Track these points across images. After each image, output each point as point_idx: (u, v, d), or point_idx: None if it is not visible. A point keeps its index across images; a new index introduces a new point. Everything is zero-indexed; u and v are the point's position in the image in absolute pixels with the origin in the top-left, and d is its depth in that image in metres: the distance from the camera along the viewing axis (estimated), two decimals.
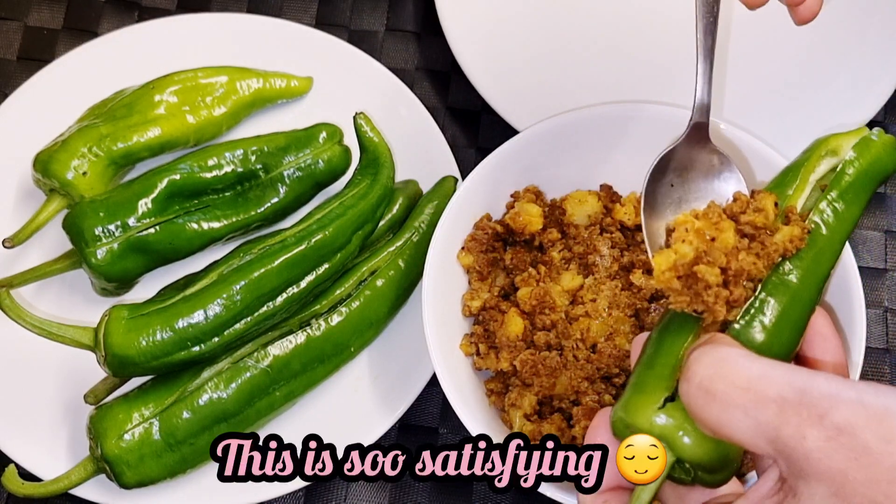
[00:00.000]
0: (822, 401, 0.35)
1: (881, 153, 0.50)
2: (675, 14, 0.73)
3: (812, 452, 0.35)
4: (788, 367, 0.37)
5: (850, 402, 0.35)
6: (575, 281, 0.60)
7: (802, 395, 0.36)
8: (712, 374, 0.38)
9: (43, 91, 0.70)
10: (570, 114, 0.61)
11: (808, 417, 0.35)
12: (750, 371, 0.37)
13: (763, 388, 0.36)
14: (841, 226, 0.47)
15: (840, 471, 0.35)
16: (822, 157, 0.50)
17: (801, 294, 0.44)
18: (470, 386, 0.59)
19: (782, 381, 0.36)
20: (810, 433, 0.35)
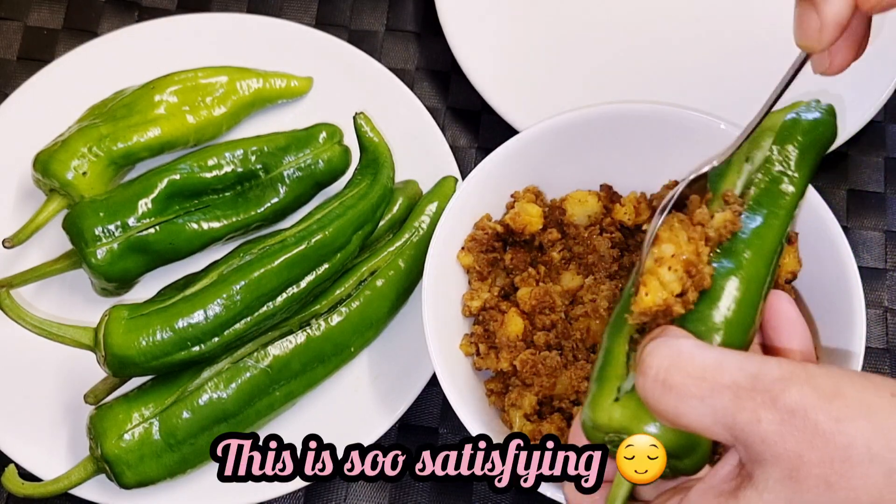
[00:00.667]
0: (774, 384, 0.36)
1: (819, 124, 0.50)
2: (675, 14, 0.73)
3: (767, 436, 0.36)
4: (742, 354, 0.38)
5: (801, 384, 0.36)
6: (575, 281, 0.60)
7: (756, 380, 0.36)
8: (668, 366, 0.38)
9: (43, 91, 0.70)
10: (570, 114, 0.61)
11: (762, 402, 0.36)
12: (704, 360, 0.38)
13: (718, 377, 0.37)
14: (781, 198, 0.48)
15: (794, 452, 0.35)
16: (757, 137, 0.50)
17: (749, 273, 0.45)
18: (470, 386, 0.59)
19: (736, 368, 0.37)
20: (765, 416, 0.36)
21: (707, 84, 0.71)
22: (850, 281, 0.55)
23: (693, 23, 0.72)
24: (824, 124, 0.51)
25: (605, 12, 0.73)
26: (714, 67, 0.71)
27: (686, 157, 0.55)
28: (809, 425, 0.35)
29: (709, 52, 0.72)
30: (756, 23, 0.72)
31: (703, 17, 0.72)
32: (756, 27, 0.72)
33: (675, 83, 0.71)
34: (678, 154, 0.59)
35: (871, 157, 0.72)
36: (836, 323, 0.56)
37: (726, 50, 0.71)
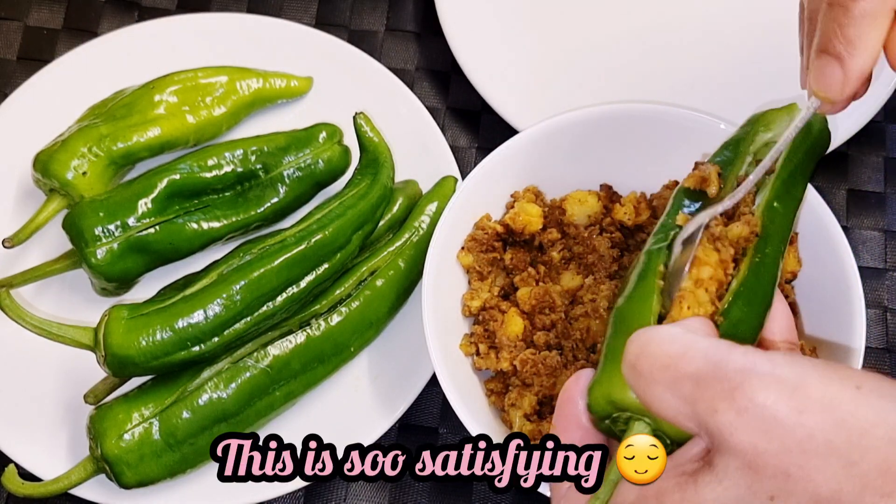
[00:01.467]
0: (735, 375, 0.36)
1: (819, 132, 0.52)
2: (675, 15, 0.73)
3: (724, 426, 0.36)
4: (710, 342, 0.38)
5: (762, 375, 0.36)
6: (575, 281, 0.60)
7: (717, 370, 0.36)
8: (639, 353, 0.39)
9: (43, 91, 0.70)
10: (570, 114, 0.61)
11: (720, 391, 0.36)
12: (671, 348, 0.38)
13: (682, 365, 0.37)
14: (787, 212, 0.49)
15: (751, 443, 0.35)
16: (758, 132, 0.52)
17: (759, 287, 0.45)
18: (470, 386, 0.59)
19: (700, 357, 0.37)
20: (721, 406, 0.36)
21: (707, 84, 0.71)
22: (850, 281, 0.55)
23: (693, 23, 0.72)
24: (822, 131, 0.52)
25: (605, 13, 0.73)
26: (714, 67, 0.71)
27: (686, 157, 0.55)
28: (768, 416, 0.35)
29: (709, 52, 0.72)
30: (756, 23, 0.72)
31: (703, 18, 0.73)
32: (756, 27, 0.72)
33: (675, 83, 0.71)
34: (678, 154, 0.59)
35: (871, 157, 0.72)
36: (836, 323, 0.56)
37: (726, 50, 0.72)
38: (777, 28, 0.72)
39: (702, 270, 0.45)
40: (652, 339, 0.39)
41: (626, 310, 0.45)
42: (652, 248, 0.47)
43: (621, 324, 0.44)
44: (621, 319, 0.44)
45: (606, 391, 0.41)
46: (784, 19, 0.72)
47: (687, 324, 0.42)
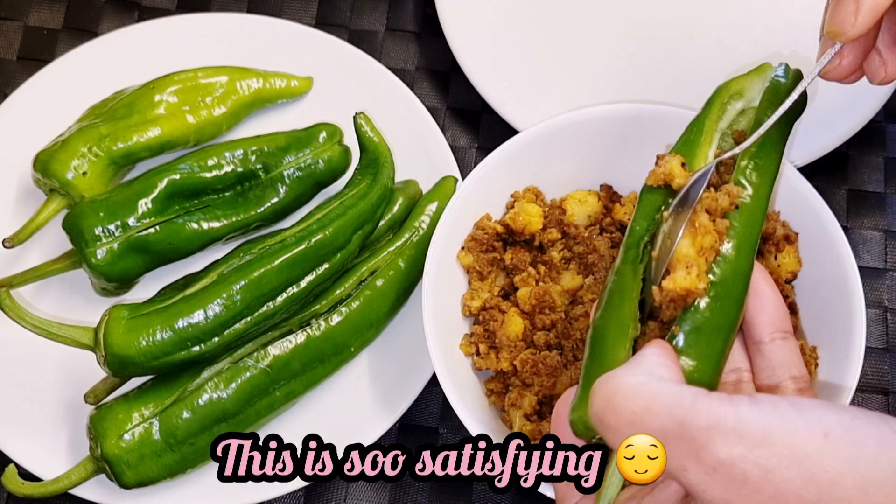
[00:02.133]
0: (699, 434, 0.36)
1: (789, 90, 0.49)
2: (675, 14, 0.73)
3: (695, 484, 0.36)
4: (674, 395, 0.37)
5: (727, 433, 0.35)
6: (575, 281, 0.60)
7: (682, 429, 0.36)
8: (605, 407, 0.39)
9: (43, 91, 0.70)
10: (570, 114, 0.61)
11: (687, 451, 0.36)
12: (635, 405, 0.38)
13: (647, 422, 0.37)
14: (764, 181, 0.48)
15: (723, 500, 0.35)
16: (725, 104, 0.50)
17: (739, 264, 0.45)
18: (470, 386, 0.59)
19: (664, 414, 0.37)
20: (690, 466, 0.36)
21: (707, 84, 0.70)
22: (850, 281, 0.55)
23: (693, 23, 0.72)
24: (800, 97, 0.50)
25: (604, 13, 0.73)
26: (714, 67, 0.71)
27: None
28: (737, 475, 0.35)
29: (709, 52, 0.72)
30: (756, 23, 0.72)
31: (703, 18, 0.72)
32: (756, 27, 0.72)
33: (675, 83, 0.71)
34: None
35: (871, 157, 0.72)
36: (836, 323, 0.56)
37: (726, 50, 0.71)
38: (777, 28, 0.72)
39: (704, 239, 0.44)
40: (615, 391, 0.39)
41: (603, 333, 0.44)
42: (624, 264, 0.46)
43: (597, 346, 0.44)
44: (598, 342, 0.44)
45: (583, 416, 0.41)
46: (785, 19, 0.72)
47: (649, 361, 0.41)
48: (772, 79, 0.50)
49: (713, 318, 0.44)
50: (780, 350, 0.46)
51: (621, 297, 0.45)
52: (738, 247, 0.45)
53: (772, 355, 0.46)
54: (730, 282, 0.44)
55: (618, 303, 0.45)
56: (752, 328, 0.46)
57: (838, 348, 0.55)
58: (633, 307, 0.44)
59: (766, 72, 0.51)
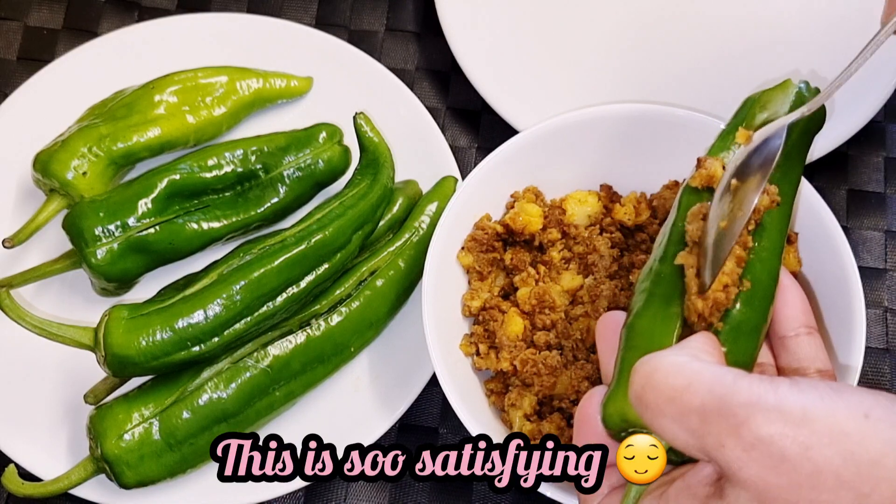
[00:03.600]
0: (740, 410, 0.36)
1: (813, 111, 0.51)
2: (675, 14, 0.73)
3: (732, 461, 0.36)
4: (715, 374, 0.37)
5: (768, 411, 0.35)
6: (575, 281, 0.60)
7: (722, 405, 0.36)
8: (644, 385, 0.38)
9: (43, 91, 0.70)
10: (570, 114, 0.61)
11: (726, 428, 0.36)
12: (676, 381, 0.38)
13: (687, 399, 0.37)
14: (790, 189, 0.49)
15: (760, 478, 0.35)
16: (755, 114, 0.52)
17: (771, 265, 0.46)
18: (470, 386, 0.59)
19: (705, 391, 0.37)
20: (728, 443, 0.36)
21: (707, 84, 0.71)
22: (850, 281, 0.55)
23: (693, 23, 0.72)
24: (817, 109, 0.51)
25: (605, 12, 0.73)
26: (714, 67, 0.71)
27: (686, 157, 0.55)
28: (775, 452, 0.35)
29: (709, 52, 0.72)
30: (756, 23, 0.72)
31: (703, 17, 0.72)
32: (756, 27, 0.72)
33: (675, 83, 0.71)
34: (678, 154, 0.59)
35: (871, 157, 0.72)
36: (836, 323, 0.56)
37: (726, 50, 0.71)
38: (778, 28, 0.72)
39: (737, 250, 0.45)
40: (657, 368, 0.39)
41: (645, 328, 0.44)
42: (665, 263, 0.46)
43: (637, 339, 0.44)
44: (638, 335, 0.44)
45: (620, 408, 0.41)
46: (783, 21, 0.72)
47: (692, 346, 0.41)
48: (796, 94, 0.52)
49: (751, 318, 0.44)
50: (805, 344, 0.46)
51: (667, 295, 0.45)
52: (770, 248, 0.46)
53: (797, 350, 0.46)
54: (764, 282, 0.45)
55: (662, 299, 0.45)
56: (778, 324, 0.47)
57: (838, 349, 0.55)
58: (678, 304, 0.44)
59: (788, 88, 0.52)
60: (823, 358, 0.46)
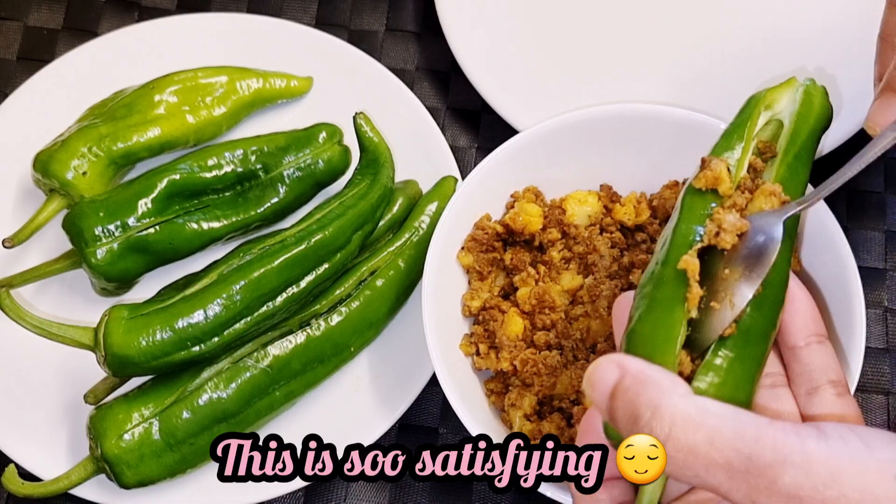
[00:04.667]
0: (768, 469, 0.35)
1: (821, 108, 0.51)
2: (675, 14, 0.73)
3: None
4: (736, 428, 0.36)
5: (795, 471, 0.35)
6: (575, 281, 0.60)
7: (749, 464, 0.35)
8: (665, 437, 0.37)
9: (43, 91, 0.70)
10: (570, 114, 0.61)
11: (755, 486, 0.35)
12: (696, 437, 0.37)
13: (712, 455, 0.36)
14: (798, 190, 0.49)
15: None
16: (760, 113, 0.51)
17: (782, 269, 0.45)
18: (470, 386, 0.59)
19: (729, 449, 0.36)
20: (760, 500, 0.35)
21: (707, 84, 0.71)
22: (850, 281, 0.55)
23: (693, 23, 0.72)
24: (824, 106, 0.51)
25: (605, 12, 0.73)
26: (714, 67, 0.71)
27: (686, 157, 0.55)
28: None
29: (709, 51, 0.72)
30: (757, 22, 0.72)
31: (703, 18, 0.72)
32: (756, 27, 0.72)
33: (675, 83, 0.71)
34: (678, 154, 0.59)
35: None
36: (836, 323, 0.56)
37: (727, 50, 0.71)
38: (778, 28, 0.72)
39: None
40: (673, 422, 0.37)
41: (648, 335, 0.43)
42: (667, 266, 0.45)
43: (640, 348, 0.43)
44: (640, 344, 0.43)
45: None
46: (784, 20, 0.72)
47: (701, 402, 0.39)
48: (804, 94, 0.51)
49: (761, 323, 0.44)
50: (816, 354, 0.46)
51: (671, 301, 0.44)
52: (781, 252, 0.45)
53: (809, 359, 0.45)
54: (775, 287, 0.45)
55: (666, 306, 0.43)
56: (787, 333, 0.46)
57: (838, 348, 0.55)
58: (682, 311, 0.43)
59: (793, 86, 0.52)
60: (836, 367, 0.46)
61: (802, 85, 0.52)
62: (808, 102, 0.50)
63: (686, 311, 0.43)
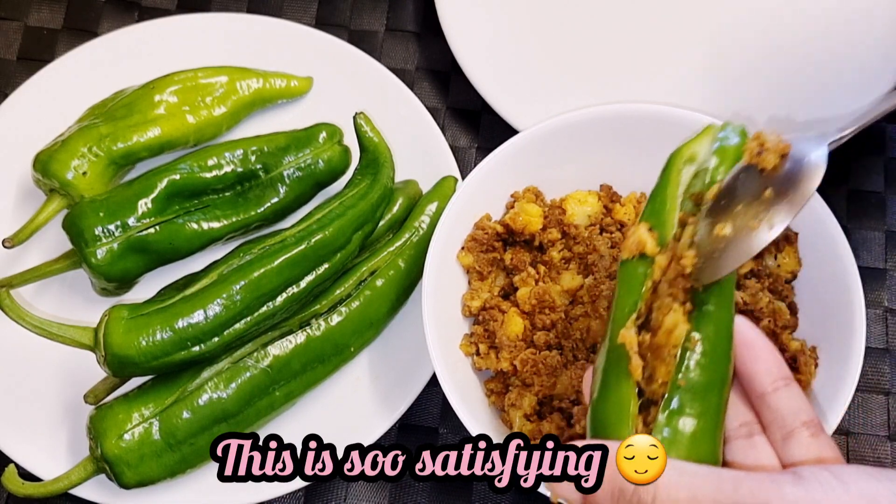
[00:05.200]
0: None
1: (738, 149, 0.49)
2: (675, 14, 0.73)
3: None
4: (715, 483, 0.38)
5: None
6: (575, 281, 0.60)
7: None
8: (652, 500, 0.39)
9: (43, 91, 0.70)
10: (570, 114, 0.61)
11: None
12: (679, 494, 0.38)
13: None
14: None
15: None
16: (680, 170, 0.49)
17: (721, 317, 0.45)
18: (470, 386, 0.59)
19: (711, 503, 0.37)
20: None
21: (707, 84, 0.71)
22: (850, 281, 0.55)
23: (694, 23, 0.72)
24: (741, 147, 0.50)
25: (605, 12, 0.73)
26: (714, 67, 0.71)
27: None
28: None
29: (709, 51, 0.72)
30: (756, 23, 0.72)
31: (703, 18, 0.73)
32: (757, 27, 0.72)
33: (675, 83, 0.71)
34: None
35: (871, 157, 0.72)
36: (836, 323, 0.56)
37: (727, 50, 0.71)
38: (777, 28, 0.72)
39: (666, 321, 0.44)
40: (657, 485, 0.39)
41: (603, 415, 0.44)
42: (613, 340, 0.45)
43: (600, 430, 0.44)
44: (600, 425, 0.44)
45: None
46: (782, 20, 0.72)
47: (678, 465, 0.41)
48: (720, 139, 0.49)
49: (705, 375, 0.44)
50: (785, 398, 0.45)
51: (618, 376, 0.44)
52: (717, 301, 0.45)
53: (778, 404, 0.45)
54: (714, 336, 0.44)
55: (615, 382, 0.44)
56: (753, 381, 0.46)
57: (838, 348, 0.55)
58: (629, 385, 0.44)
59: (711, 133, 0.50)
60: (807, 408, 0.45)
61: (720, 128, 0.49)
62: (723, 151, 0.48)
63: (632, 382, 0.43)
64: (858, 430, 0.64)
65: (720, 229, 0.45)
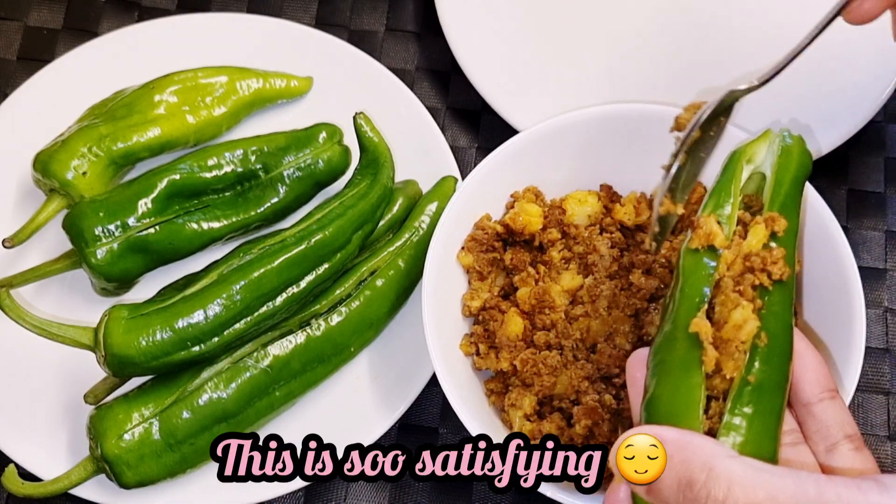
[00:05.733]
0: None
1: (800, 156, 0.51)
2: (675, 14, 0.73)
3: None
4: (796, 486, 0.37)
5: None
6: (575, 281, 0.60)
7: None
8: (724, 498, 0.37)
9: (43, 91, 0.70)
10: (570, 114, 0.61)
11: None
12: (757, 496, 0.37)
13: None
14: (791, 240, 0.48)
15: None
16: (742, 168, 0.51)
17: (785, 319, 0.45)
18: (470, 386, 0.59)
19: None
20: None
21: (707, 84, 0.71)
22: (850, 281, 0.55)
23: (694, 23, 0.72)
24: (802, 154, 0.51)
25: (604, 13, 0.73)
26: (715, 67, 0.71)
27: None
28: None
29: (710, 51, 0.72)
30: (756, 23, 0.72)
31: (703, 17, 0.72)
32: (756, 27, 0.72)
33: (674, 83, 0.71)
34: None
35: (871, 157, 0.72)
36: (836, 323, 0.56)
37: (727, 50, 0.71)
38: (777, 29, 0.72)
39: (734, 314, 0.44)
40: (732, 481, 0.38)
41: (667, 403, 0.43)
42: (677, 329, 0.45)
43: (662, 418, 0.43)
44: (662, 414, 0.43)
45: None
46: (783, 20, 0.72)
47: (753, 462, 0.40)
48: (781, 145, 0.51)
49: (772, 375, 0.44)
50: (830, 409, 0.46)
51: (687, 365, 0.44)
52: (781, 302, 0.45)
53: (823, 415, 0.46)
54: (780, 336, 0.45)
55: (682, 371, 0.44)
56: (800, 390, 0.46)
57: (838, 348, 0.55)
58: (699, 374, 0.43)
59: (768, 138, 0.52)
60: (850, 422, 0.46)
61: (778, 136, 0.51)
62: (786, 153, 0.50)
63: (703, 373, 0.43)
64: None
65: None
